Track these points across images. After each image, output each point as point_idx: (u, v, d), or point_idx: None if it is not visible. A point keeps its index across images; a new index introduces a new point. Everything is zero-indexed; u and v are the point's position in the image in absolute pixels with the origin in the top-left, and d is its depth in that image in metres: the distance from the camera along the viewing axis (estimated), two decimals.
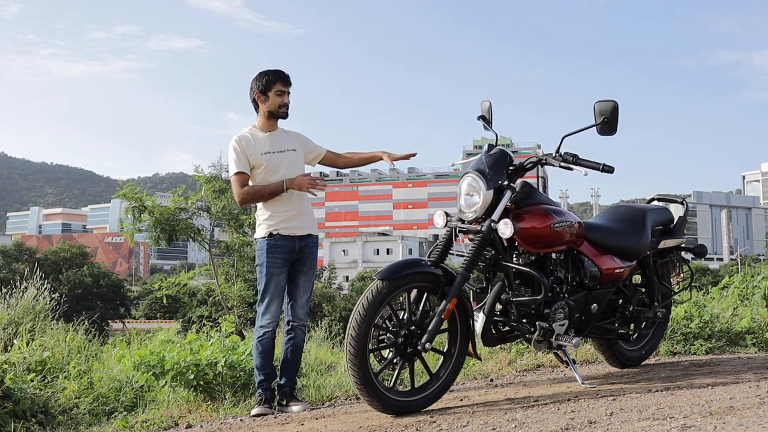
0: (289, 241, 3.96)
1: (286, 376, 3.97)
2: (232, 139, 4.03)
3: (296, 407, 3.82)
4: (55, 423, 3.68)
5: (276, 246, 3.95)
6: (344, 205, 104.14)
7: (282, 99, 4.02)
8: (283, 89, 4.01)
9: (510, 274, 3.64)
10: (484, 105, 3.98)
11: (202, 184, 11.93)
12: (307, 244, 4.02)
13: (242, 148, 3.97)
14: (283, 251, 3.95)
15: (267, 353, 3.93)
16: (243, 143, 3.99)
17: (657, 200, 4.70)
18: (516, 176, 3.69)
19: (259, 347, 3.92)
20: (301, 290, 4.01)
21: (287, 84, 4.04)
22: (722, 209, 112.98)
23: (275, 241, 3.96)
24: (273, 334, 3.96)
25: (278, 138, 4.06)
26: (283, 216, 3.97)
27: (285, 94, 4.02)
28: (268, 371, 3.92)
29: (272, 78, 4.00)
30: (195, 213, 12.03)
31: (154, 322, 36.63)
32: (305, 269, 4.02)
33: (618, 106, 3.64)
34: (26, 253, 44.31)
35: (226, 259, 12.90)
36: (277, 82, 4.00)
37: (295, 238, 3.98)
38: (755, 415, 2.80)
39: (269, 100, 4.00)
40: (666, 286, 4.48)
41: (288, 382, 3.95)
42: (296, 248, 3.97)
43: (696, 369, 4.30)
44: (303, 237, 4.00)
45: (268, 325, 3.93)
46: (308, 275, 4.04)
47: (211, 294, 12.67)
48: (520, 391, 3.89)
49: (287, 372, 3.97)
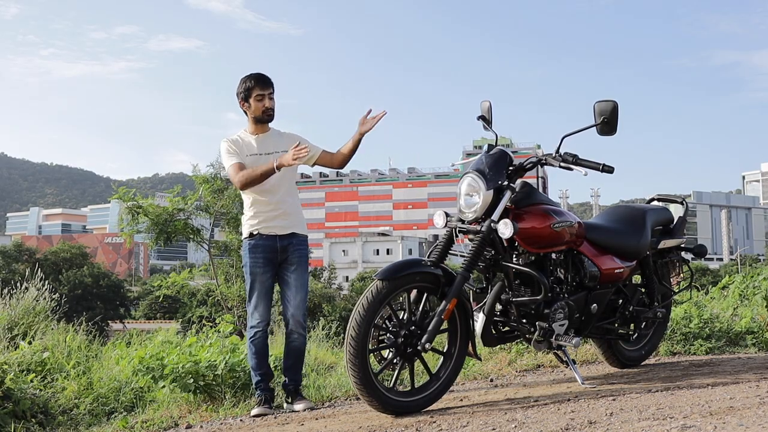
0: (270, 240, 3.96)
1: (288, 376, 3.97)
2: (222, 141, 4.07)
3: (300, 405, 3.82)
4: (55, 423, 3.68)
5: (257, 246, 3.96)
6: (344, 206, 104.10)
7: (263, 104, 3.99)
8: (263, 93, 3.98)
9: (510, 274, 3.64)
10: (484, 105, 3.98)
11: (200, 184, 11.93)
12: (290, 242, 3.99)
13: (231, 147, 4.01)
14: (264, 251, 3.96)
15: (260, 353, 3.92)
16: (231, 144, 4.03)
17: (657, 200, 4.70)
18: (516, 176, 3.69)
19: (252, 348, 3.93)
20: (293, 290, 3.97)
21: (266, 87, 4.00)
22: (722, 209, 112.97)
23: (256, 241, 3.97)
24: (265, 333, 3.96)
25: (267, 140, 4.05)
26: (264, 216, 3.97)
27: (265, 97, 3.99)
28: (264, 371, 3.92)
29: (250, 84, 3.99)
30: (193, 213, 12.03)
31: (154, 323, 36.63)
32: (293, 267, 4.00)
33: (618, 106, 3.64)
34: (26, 253, 44.33)
35: (225, 260, 12.90)
36: (255, 88, 3.98)
37: (277, 237, 3.97)
38: (755, 415, 2.80)
39: (251, 107, 4.01)
40: (666, 286, 4.48)
41: (291, 381, 3.95)
42: (278, 248, 3.97)
43: (696, 369, 4.30)
44: (285, 236, 3.99)
45: (258, 325, 3.94)
46: (298, 273, 4.00)
47: (211, 294, 12.67)
48: (520, 391, 3.89)
49: (289, 372, 3.97)
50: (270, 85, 4.03)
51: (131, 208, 11.48)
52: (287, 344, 3.99)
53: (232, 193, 11.99)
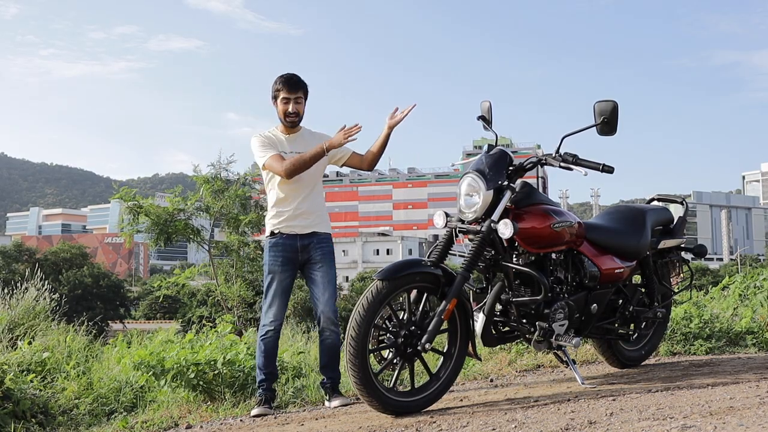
0: (291, 239, 3.95)
1: (325, 374, 3.96)
2: (253, 136, 4.04)
3: (335, 402, 3.81)
4: (55, 423, 3.68)
5: (277, 245, 3.96)
6: (344, 206, 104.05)
7: (286, 107, 3.95)
8: (288, 96, 3.94)
9: (510, 274, 3.64)
10: (484, 105, 3.98)
11: (201, 185, 11.94)
12: (311, 241, 3.97)
13: (264, 142, 3.98)
14: (284, 250, 3.95)
15: (269, 352, 3.92)
16: (265, 138, 4.01)
17: (657, 200, 4.70)
18: (516, 176, 3.69)
19: (261, 346, 3.92)
20: (320, 287, 3.94)
21: (293, 90, 3.94)
22: (722, 209, 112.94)
23: (276, 239, 3.96)
24: (276, 334, 3.95)
25: (299, 140, 4.03)
26: (287, 215, 3.96)
27: (290, 101, 3.94)
28: (269, 371, 3.91)
29: (278, 86, 3.96)
30: (194, 213, 12.04)
31: (154, 323, 36.64)
32: (318, 265, 3.97)
33: (618, 106, 3.63)
34: (26, 253, 44.30)
35: (225, 260, 12.90)
36: (282, 90, 3.95)
37: (298, 236, 3.96)
38: (755, 415, 2.80)
39: (277, 108, 4.00)
40: (666, 286, 4.47)
41: (329, 379, 3.94)
42: (299, 247, 3.96)
43: (696, 369, 4.29)
44: (306, 236, 3.97)
45: (270, 324, 3.93)
46: (324, 270, 3.97)
47: (211, 294, 12.68)
48: (520, 391, 3.89)
49: (326, 370, 3.96)
50: (298, 89, 3.96)
51: (132, 207, 11.50)
52: (321, 342, 3.98)
53: (233, 193, 12.00)
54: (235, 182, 12.40)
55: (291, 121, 3.99)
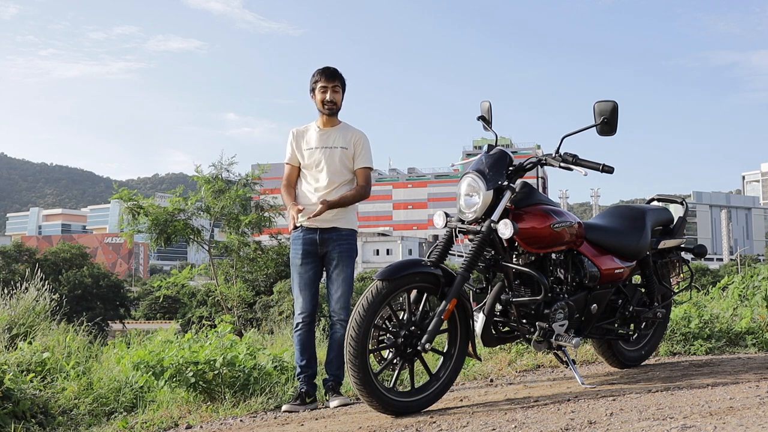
0: (311, 233, 4.01)
1: (329, 371, 3.99)
2: (290, 130, 4.20)
3: (334, 402, 3.82)
4: (54, 423, 3.67)
5: (298, 238, 4.04)
6: None
7: (324, 95, 4.06)
8: (326, 85, 4.05)
9: (510, 274, 3.64)
10: (483, 105, 3.98)
11: (202, 185, 11.95)
12: (330, 236, 4.01)
13: (292, 140, 4.14)
14: (305, 243, 4.01)
15: (303, 345, 3.97)
16: (294, 136, 4.15)
17: (657, 200, 4.70)
18: (516, 176, 3.69)
19: (294, 339, 4.00)
20: (334, 285, 3.99)
21: (330, 80, 4.06)
22: (722, 209, 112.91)
23: (297, 232, 4.04)
24: (307, 327, 3.99)
25: (331, 134, 4.10)
26: (309, 209, 4.00)
27: (328, 90, 4.05)
28: (305, 364, 3.96)
29: (316, 77, 4.09)
30: (194, 214, 12.05)
31: (154, 323, 36.65)
32: (334, 263, 4.01)
33: (617, 106, 3.64)
34: (26, 253, 44.33)
35: (225, 260, 12.91)
36: (320, 80, 4.07)
37: (318, 230, 4.00)
38: (755, 415, 2.80)
39: (315, 98, 4.09)
40: (666, 287, 4.47)
41: (332, 376, 3.97)
42: (318, 240, 3.99)
43: (696, 369, 4.29)
44: (326, 230, 4.01)
45: (299, 317, 4.00)
46: (339, 268, 4.00)
47: (211, 294, 12.70)
48: (520, 391, 3.89)
49: (330, 366, 3.99)
50: (335, 78, 4.08)
51: (132, 208, 11.51)
52: (330, 337, 4.04)
53: (233, 194, 12.00)
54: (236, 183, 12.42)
55: (329, 109, 4.07)
